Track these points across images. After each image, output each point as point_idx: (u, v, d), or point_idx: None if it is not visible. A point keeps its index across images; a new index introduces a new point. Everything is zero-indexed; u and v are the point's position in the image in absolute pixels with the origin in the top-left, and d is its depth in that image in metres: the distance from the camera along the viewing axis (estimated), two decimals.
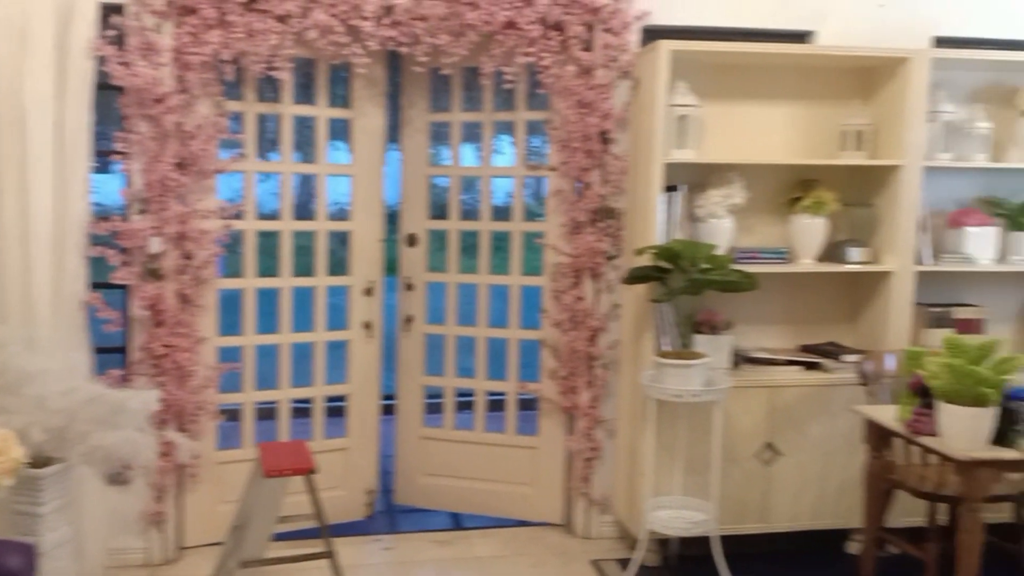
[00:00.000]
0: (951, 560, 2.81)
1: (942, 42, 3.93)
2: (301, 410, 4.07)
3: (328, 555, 3.16)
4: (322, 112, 3.89)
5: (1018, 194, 3.94)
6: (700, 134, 3.74)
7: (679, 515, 3.54)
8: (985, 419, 2.62)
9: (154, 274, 3.52)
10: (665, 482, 3.61)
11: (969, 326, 3.87)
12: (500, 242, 4.15)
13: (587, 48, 3.73)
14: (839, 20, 3.91)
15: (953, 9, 3.99)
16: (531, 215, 4.13)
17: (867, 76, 3.88)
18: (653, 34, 3.69)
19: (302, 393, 4.03)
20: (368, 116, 3.93)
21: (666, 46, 3.49)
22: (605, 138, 3.76)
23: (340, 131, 3.99)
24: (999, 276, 4.02)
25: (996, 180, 4.00)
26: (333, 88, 3.92)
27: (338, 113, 3.92)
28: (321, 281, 4.00)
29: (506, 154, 4.14)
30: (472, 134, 4.14)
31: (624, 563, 3.64)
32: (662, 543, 3.72)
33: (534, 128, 4.05)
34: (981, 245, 3.83)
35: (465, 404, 4.30)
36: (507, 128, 4.07)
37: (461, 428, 4.23)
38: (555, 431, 4.05)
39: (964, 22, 4.00)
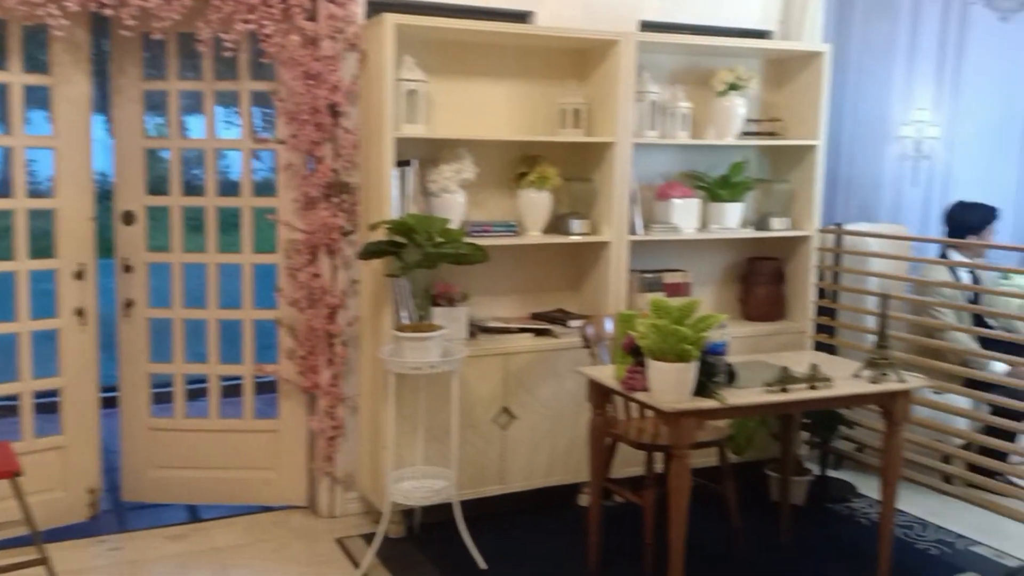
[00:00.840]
0: (667, 504, 3.07)
1: (647, 26, 4.23)
2: (6, 408, 3.68)
3: (41, 562, 2.90)
4: (17, 78, 3.50)
5: (716, 168, 4.35)
6: (430, 109, 3.78)
7: (421, 484, 3.60)
8: (688, 373, 2.87)
9: None
10: (408, 454, 3.65)
11: (678, 289, 4.23)
12: (233, 219, 3.97)
13: (311, 18, 3.63)
14: (556, 2, 4.09)
15: None
16: (269, 190, 3.98)
17: (581, 57, 4.09)
18: (378, 7, 3.67)
19: (5, 390, 3.64)
20: (72, 83, 3.59)
21: (391, 20, 3.48)
22: (335, 111, 3.70)
23: (42, 99, 3.62)
24: (702, 243, 4.42)
25: (697, 155, 4.38)
26: (31, 52, 3.54)
27: (36, 80, 3.55)
28: (23, 265, 3.62)
29: (240, 126, 3.95)
30: (198, 105, 3.91)
31: (369, 538, 3.65)
32: (407, 514, 3.77)
33: (262, 99, 3.90)
34: (685, 215, 4.18)
35: (198, 391, 4.09)
36: (234, 99, 3.88)
37: (194, 416, 4.03)
38: (296, 412, 3.96)
39: (666, 8, 4.31)
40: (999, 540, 3.77)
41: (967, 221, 4.37)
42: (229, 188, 3.97)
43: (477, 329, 3.92)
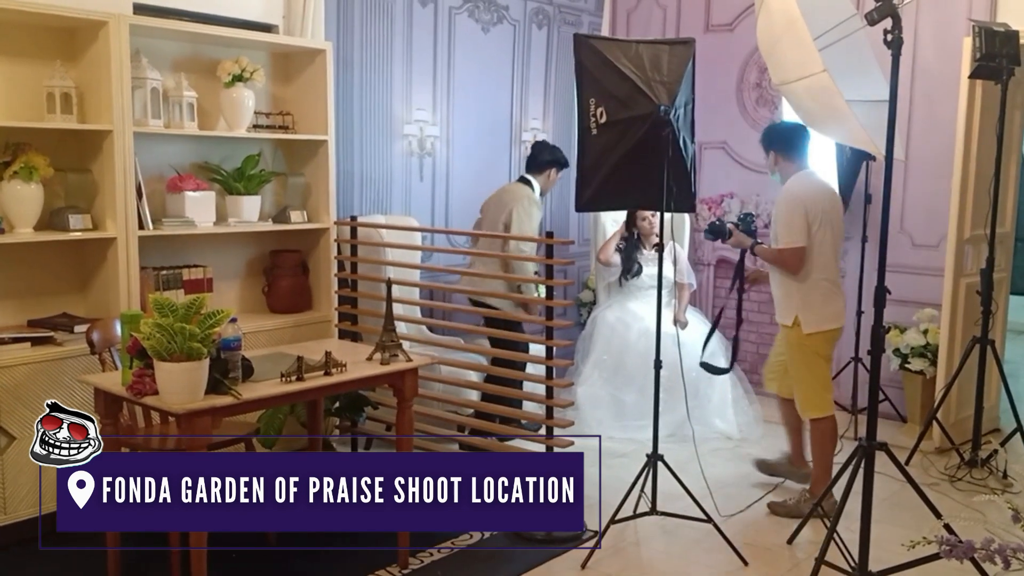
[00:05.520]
0: None
1: (141, 9, 3.98)
2: None
3: None
4: None
5: (230, 160, 4.27)
6: None
7: None
8: (198, 372, 2.79)
9: None
10: None
11: (199, 285, 4.10)
12: None
13: None
14: None
15: None
16: None
17: (69, 36, 3.75)
18: None
19: None
20: None
21: None
22: None
23: None
24: (222, 237, 4.32)
25: (209, 147, 4.26)
26: None
27: None
28: None
29: None
30: None
31: None
32: None
33: None
34: (200, 209, 4.05)
35: None
36: None
37: None
38: None
39: None
40: None
41: None
42: None
43: None
